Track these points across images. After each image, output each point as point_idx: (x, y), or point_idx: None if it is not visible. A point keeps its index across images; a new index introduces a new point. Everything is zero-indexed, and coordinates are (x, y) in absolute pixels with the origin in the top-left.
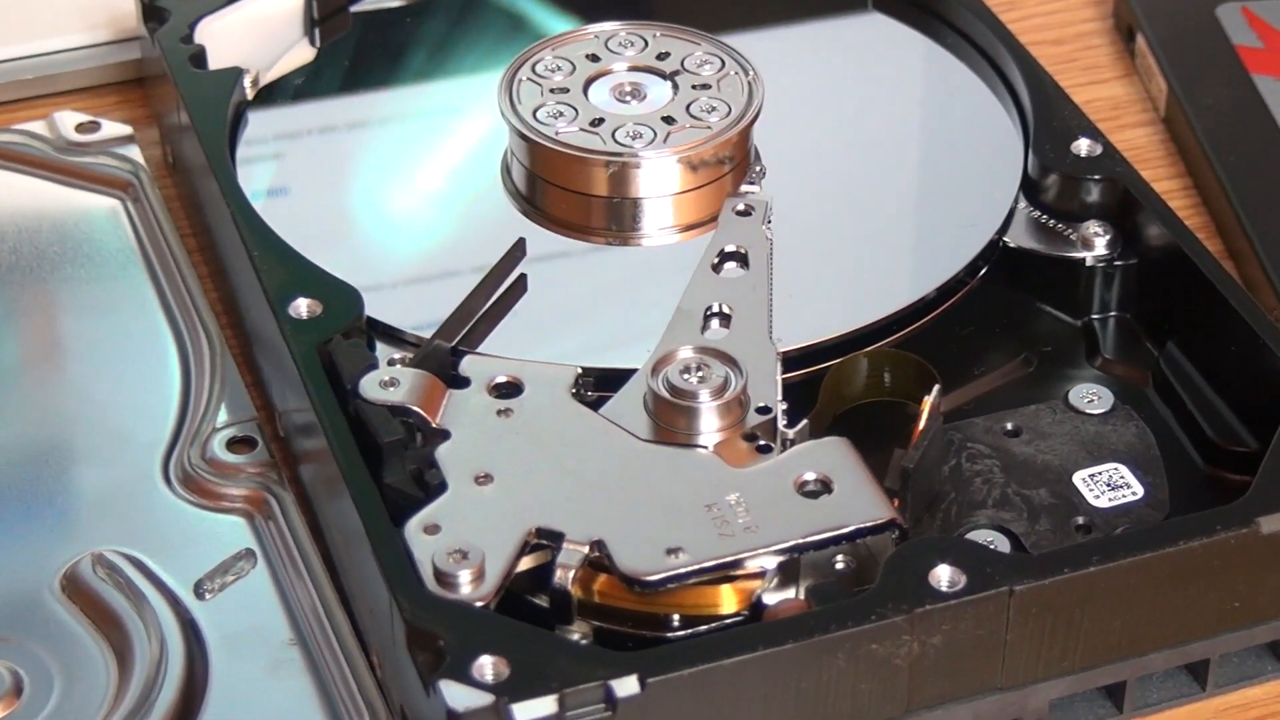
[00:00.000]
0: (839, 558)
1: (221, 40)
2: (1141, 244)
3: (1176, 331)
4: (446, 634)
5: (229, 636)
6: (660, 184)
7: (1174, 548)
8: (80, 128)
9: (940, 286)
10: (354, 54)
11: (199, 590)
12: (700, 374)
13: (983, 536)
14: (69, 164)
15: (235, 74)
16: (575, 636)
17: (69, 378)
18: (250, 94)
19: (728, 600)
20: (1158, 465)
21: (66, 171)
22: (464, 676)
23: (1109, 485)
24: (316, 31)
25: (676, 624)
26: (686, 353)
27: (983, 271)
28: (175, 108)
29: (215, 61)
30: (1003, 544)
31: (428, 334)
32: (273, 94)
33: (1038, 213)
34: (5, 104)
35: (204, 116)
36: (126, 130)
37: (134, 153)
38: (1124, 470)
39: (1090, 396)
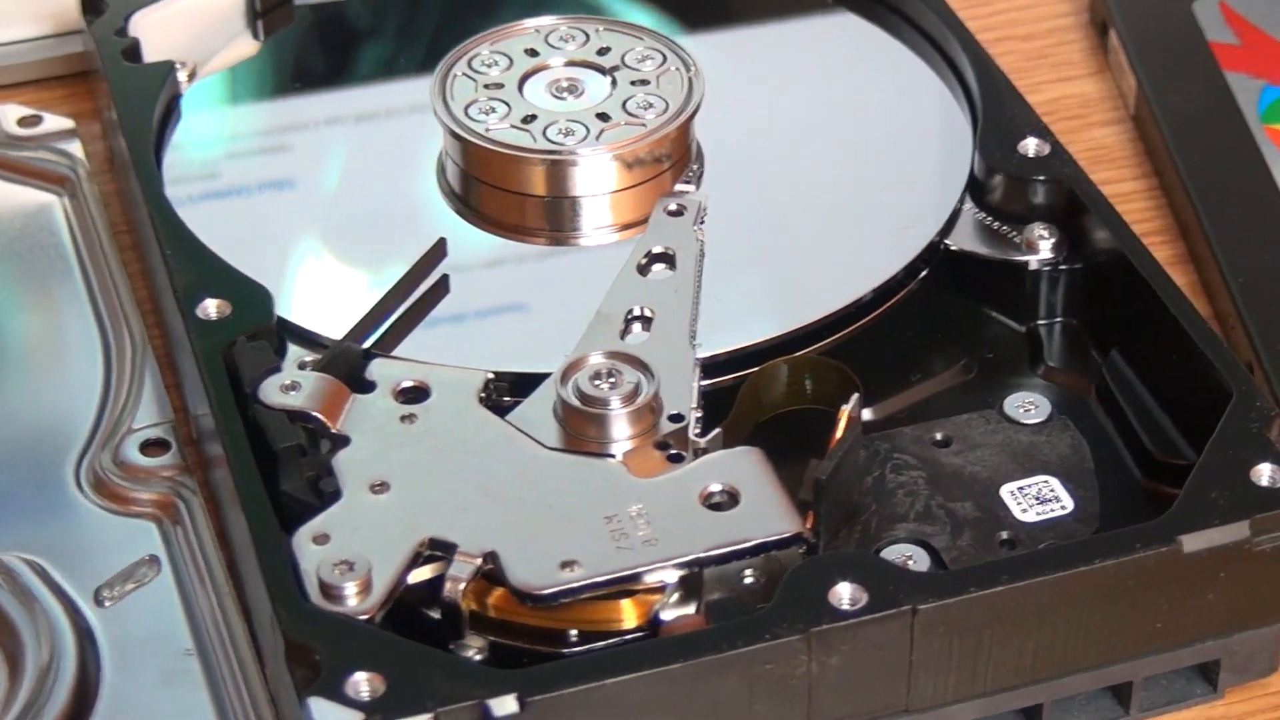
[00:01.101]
0: (747, 572)
1: (157, 34)
2: (1087, 248)
3: (1121, 339)
4: (323, 648)
5: (126, 645)
6: (594, 182)
7: (1088, 566)
8: (22, 121)
9: (875, 289)
10: (298, 48)
11: (99, 597)
12: (611, 380)
13: (901, 551)
14: (7, 158)
15: (166, 68)
16: (471, 652)
17: None
18: (185, 88)
19: (628, 615)
20: (1090, 478)
21: (4, 165)
22: (337, 693)
23: (1037, 499)
24: (259, 24)
25: (575, 639)
26: (598, 358)
27: (923, 274)
28: (110, 102)
29: (151, 55)
30: (922, 559)
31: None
32: (211, 90)
33: (982, 214)
34: None
35: (129, 110)
36: (69, 124)
37: (75, 148)
38: (1054, 483)
39: (1026, 406)
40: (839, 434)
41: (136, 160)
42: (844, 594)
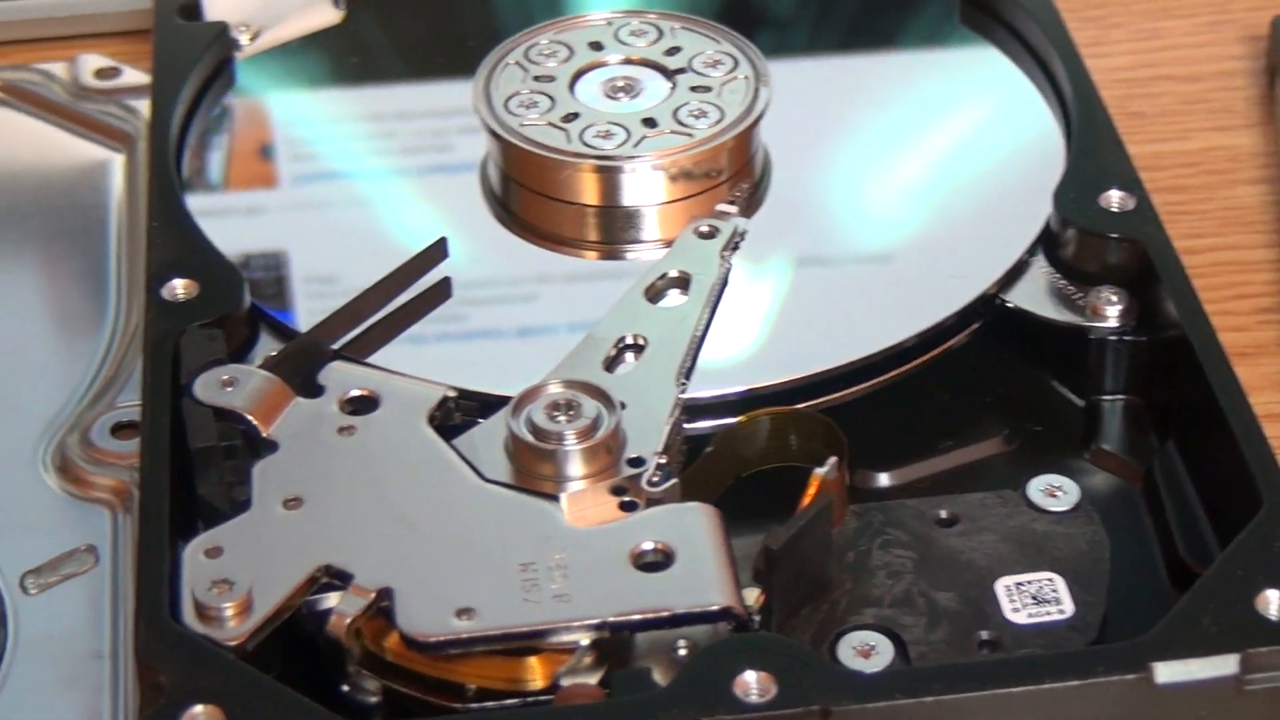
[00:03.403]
0: (681, 643)
1: None
2: (1158, 319)
3: (1178, 427)
4: (170, 673)
5: (39, 639)
6: (634, 193)
7: (1037, 686)
8: (100, 73)
9: (914, 337)
10: (381, 19)
11: (24, 584)
12: (569, 413)
13: (865, 639)
14: (75, 110)
15: (217, 29)
16: (368, 695)
17: None
18: (244, 54)
19: (535, 675)
20: (1101, 582)
21: (71, 117)
22: None
23: (1034, 598)
24: None
25: (472, 694)
26: (556, 388)
27: (974, 328)
28: None
29: (214, 14)
30: (886, 651)
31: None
32: (276, 60)
33: (1050, 269)
34: (51, 40)
35: (164, 69)
36: (146, 80)
37: (144, 105)
38: (1058, 583)
39: (1053, 491)
40: (806, 500)
41: (155, 122)
42: (751, 683)
